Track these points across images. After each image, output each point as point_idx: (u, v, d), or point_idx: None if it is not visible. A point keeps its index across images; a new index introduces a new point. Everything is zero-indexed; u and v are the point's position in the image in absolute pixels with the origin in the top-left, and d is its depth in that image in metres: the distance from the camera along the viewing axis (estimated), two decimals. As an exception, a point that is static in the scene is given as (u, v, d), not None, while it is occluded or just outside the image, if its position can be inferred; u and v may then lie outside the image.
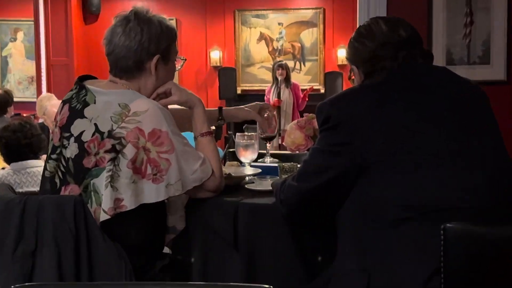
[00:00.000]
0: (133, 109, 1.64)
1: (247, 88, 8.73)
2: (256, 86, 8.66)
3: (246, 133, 2.19)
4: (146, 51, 1.72)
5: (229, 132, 8.07)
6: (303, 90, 7.27)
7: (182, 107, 1.89)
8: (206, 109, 1.89)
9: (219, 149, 6.24)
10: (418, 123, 1.44)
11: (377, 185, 1.43)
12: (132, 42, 1.71)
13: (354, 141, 1.45)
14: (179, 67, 1.91)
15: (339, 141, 1.47)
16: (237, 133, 2.19)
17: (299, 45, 8.61)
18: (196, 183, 1.71)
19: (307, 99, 6.84)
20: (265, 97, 6.92)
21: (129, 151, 1.60)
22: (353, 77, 1.69)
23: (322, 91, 8.27)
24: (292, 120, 6.71)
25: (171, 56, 1.80)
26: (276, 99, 6.62)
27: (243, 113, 2.19)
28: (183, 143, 1.70)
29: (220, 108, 2.18)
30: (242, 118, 2.20)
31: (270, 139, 2.22)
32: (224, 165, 2.33)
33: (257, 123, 2.15)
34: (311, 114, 2.11)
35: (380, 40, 1.57)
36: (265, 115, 2.12)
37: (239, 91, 8.55)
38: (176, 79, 11.31)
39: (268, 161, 2.11)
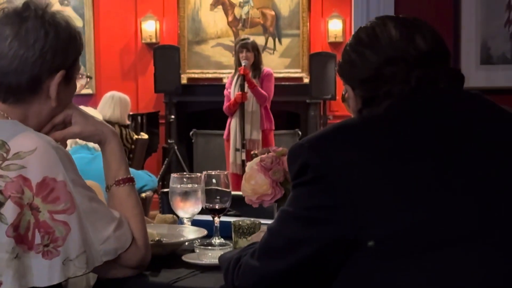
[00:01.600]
0: (14, 148, 1.63)
1: (196, 76, 8.74)
2: (210, 73, 8.67)
3: (185, 174, 2.18)
4: (48, 65, 1.74)
5: (169, 140, 8.09)
6: (280, 78, 7.17)
7: None
8: None
9: (150, 176, 6.19)
10: (442, 182, 1.44)
11: (378, 272, 1.43)
12: (30, 51, 1.72)
13: (345, 204, 1.44)
14: (80, 89, 1.93)
15: (323, 203, 1.46)
16: (172, 174, 2.19)
17: (273, 13, 8.63)
18: (109, 257, 1.71)
19: (261, 90, 6.71)
20: (225, 91, 6.89)
21: (9, 211, 1.59)
22: (347, 95, 1.71)
23: (306, 80, 8.32)
24: (262, 125, 6.73)
25: (74, 73, 1.83)
26: (239, 92, 6.60)
27: None
28: (89, 197, 1.70)
29: None
30: None
31: (219, 211, 2.16)
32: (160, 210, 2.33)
33: None
34: (281, 148, 2.11)
35: (388, 52, 1.59)
36: None
37: (184, 81, 8.54)
38: (91, 66, 11.10)
39: (217, 243, 2.08)
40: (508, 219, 1.44)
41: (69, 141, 4.11)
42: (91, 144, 4.01)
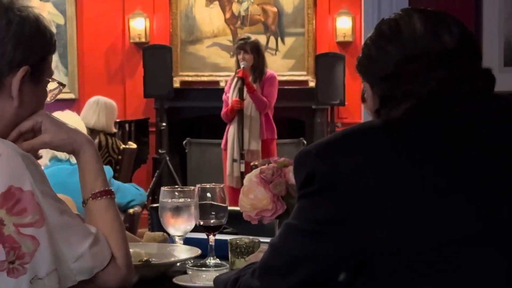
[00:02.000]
0: None
1: (190, 79, 8.76)
2: (205, 76, 8.70)
3: (177, 187, 2.20)
4: (9, 58, 1.75)
5: (160, 150, 8.09)
6: (283, 82, 7.12)
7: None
8: None
9: (139, 189, 6.22)
10: (448, 183, 1.49)
11: (387, 273, 1.46)
12: None
13: (352, 211, 1.47)
14: (51, 99, 1.92)
15: (331, 215, 1.49)
16: (162, 188, 2.20)
17: (275, 9, 8.68)
18: (84, 276, 1.71)
19: (260, 96, 6.68)
20: (223, 96, 6.85)
21: (-28, 224, 1.61)
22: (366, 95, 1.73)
23: (312, 84, 8.38)
24: (262, 135, 6.69)
25: (44, 75, 1.84)
26: (235, 99, 6.56)
27: None
28: (61, 210, 1.70)
29: None
30: None
31: (214, 229, 2.18)
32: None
33: None
34: (283, 159, 2.13)
35: (410, 47, 1.60)
36: None
37: (177, 84, 8.56)
38: (74, 68, 11.19)
39: (212, 264, 2.09)
40: (511, 221, 1.49)
41: (46, 154, 4.09)
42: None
